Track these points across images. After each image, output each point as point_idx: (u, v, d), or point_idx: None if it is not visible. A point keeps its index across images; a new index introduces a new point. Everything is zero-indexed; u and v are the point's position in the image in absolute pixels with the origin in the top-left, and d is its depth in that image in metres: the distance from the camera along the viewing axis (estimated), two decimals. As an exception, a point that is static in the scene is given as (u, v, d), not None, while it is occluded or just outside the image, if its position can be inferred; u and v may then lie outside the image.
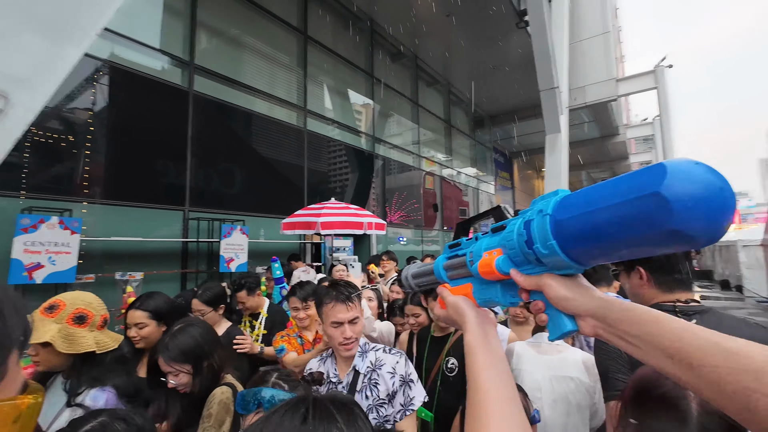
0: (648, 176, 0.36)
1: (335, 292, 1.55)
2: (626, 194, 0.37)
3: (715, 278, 15.47)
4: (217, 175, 5.78)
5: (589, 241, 0.41)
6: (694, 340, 0.42)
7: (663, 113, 14.05)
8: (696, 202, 0.33)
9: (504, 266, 0.54)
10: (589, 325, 0.49)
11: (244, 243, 5.52)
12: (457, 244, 0.68)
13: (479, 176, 16.24)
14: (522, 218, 0.52)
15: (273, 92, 6.87)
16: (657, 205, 0.34)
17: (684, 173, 0.34)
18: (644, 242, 0.37)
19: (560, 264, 0.46)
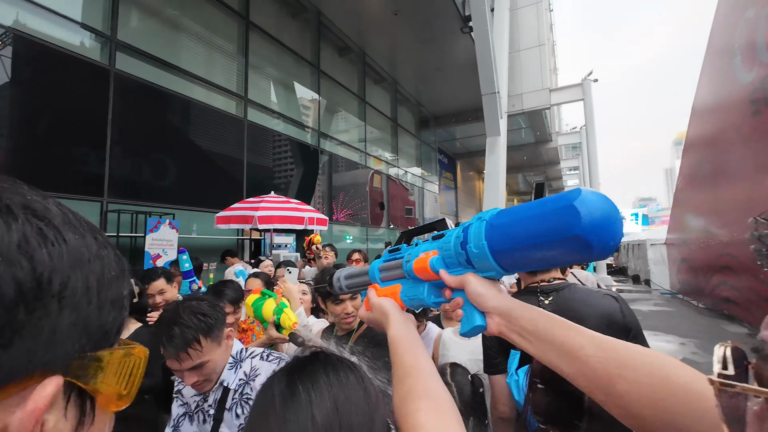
0: (567, 195, 0.44)
1: (165, 339, 1.15)
2: (548, 206, 0.46)
3: (628, 274, 17.28)
4: (142, 164, 5.27)
5: (513, 242, 0.49)
6: (577, 336, 0.50)
7: (588, 123, 15.36)
8: (597, 217, 0.42)
9: (437, 265, 0.59)
10: (495, 322, 0.55)
11: (173, 238, 5.09)
12: (398, 248, 0.72)
13: (424, 176, 16.61)
14: (462, 225, 0.58)
15: (210, 78, 6.42)
16: (569, 213, 0.43)
17: (592, 197, 0.44)
18: (554, 245, 0.45)
19: (486, 265, 0.53)
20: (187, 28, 6.30)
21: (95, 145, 4.75)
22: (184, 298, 1.37)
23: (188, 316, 1.17)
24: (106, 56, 4.98)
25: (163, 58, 5.68)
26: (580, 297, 1.35)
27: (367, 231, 11.49)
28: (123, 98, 5.04)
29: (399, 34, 10.49)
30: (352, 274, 0.81)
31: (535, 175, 31.64)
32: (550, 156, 24.69)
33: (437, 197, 18.58)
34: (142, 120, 5.33)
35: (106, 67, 4.94)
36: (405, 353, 0.61)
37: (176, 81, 5.84)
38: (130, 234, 4.87)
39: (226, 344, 1.32)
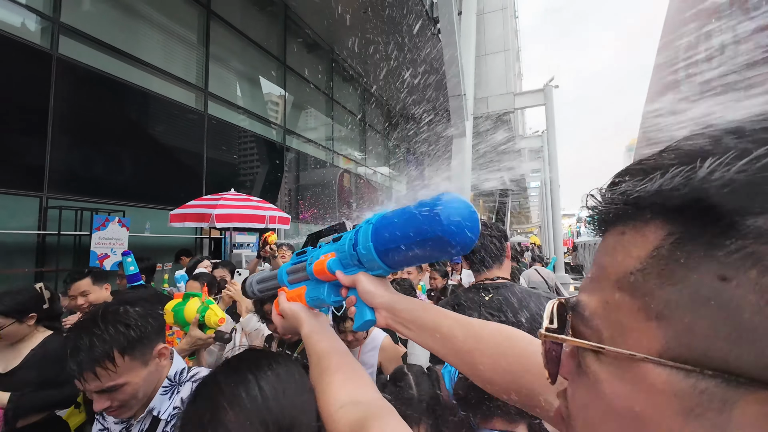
0: (433, 200, 0.52)
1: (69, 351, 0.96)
2: (419, 209, 0.53)
3: (584, 273, 18.19)
4: (89, 157, 4.91)
5: (393, 242, 0.56)
6: (445, 320, 0.58)
7: (549, 127, 16.01)
8: (455, 220, 0.50)
9: (333, 266, 0.65)
10: (383, 316, 0.61)
11: (123, 237, 4.79)
12: (304, 251, 0.76)
13: (393, 176, 16.68)
14: (355, 229, 0.64)
15: (167, 68, 6.09)
16: (432, 217, 0.50)
17: (452, 202, 0.51)
18: (424, 244, 0.52)
19: (374, 265, 0.60)
20: (141, 14, 5.94)
21: (34, 135, 4.38)
22: (112, 301, 1.21)
23: (106, 326, 0.96)
24: (48, 39, 4.60)
25: (114, 45, 5.32)
26: (518, 296, 1.43)
27: (334, 230, 11.35)
28: (67, 86, 4.67)
29: (368, 33, 10.44)
30: (264, 278, 0.82)
31: (499, 177, 32.54)
32: (514, 159, 25.50)
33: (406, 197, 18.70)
34: (89, 110, 4.97)
35: (48, 51, 4.57)
36: (318, 342, 0.65)
37: (129, 69, 5.49)
38: (74, 232, 4.52)
39: (157, 364, 1.07)
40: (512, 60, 16.66)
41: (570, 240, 39.90)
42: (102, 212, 4.70)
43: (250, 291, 0.83)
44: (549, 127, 15.96)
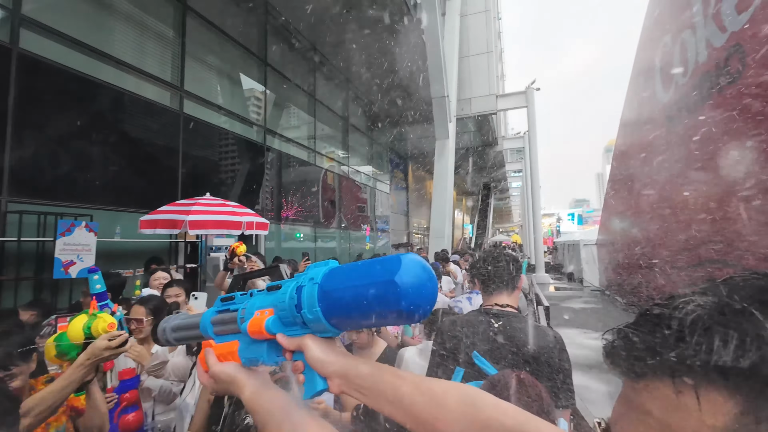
0: (389, 266, 0.48)
1: None
2: (374, 277, 0.48)
3: (563, 271, 18.56)
4: (53, 158, 4.65)
5: (346, 311, 0.51)
6: (403, 385, 0.54)
7: (530, 129, 16.26)
8: (415, 291, 0.46)
9: (273, 327, 0.57)
10: (336, 383, 0.56)
11: (91, 242, 4.54)
12: (231, 297, 0.66)
13: (376, 175, 16.60)
14: (296, 282, 0.56)
15: (139, 65, 5.84)
16: (391, 288, 0.46)
17: (410, 269, 0.47)
18: (381, 315, 0.48)
19: (322, 328, 0.54)
20: (112, 6, 5.67)
21: (-8, 135, 4.11)
22: None
23: None
24: (7, 33, 4.31)
25: (81, 39, 5.05)
26: (526, 329, 1.46)
27: (315, 230, 11.21)
28: (28, 82, 4.40)
29: (351, 32, 10.31)
30: (181, 326, 0.71)
31: (482, 177, 32.96)
32: (497, 159, 25.81)
33: (388, 197, 18.66)
34: (53, 108, 4.70)
35: (7, 46, 4.29)
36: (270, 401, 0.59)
37: (97, 66, 5.22)
38: (36, 238, 4.27)
39: None
40: (495, 61, 16.80)
41: (550, 239, 40.78)
42: (68, 216, 4.45)
43: (163, 339, 0.71)
44: (530, 128, 16.20)
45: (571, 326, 7.14)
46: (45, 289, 4.35)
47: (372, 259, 0.51)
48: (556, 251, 23.68)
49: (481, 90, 15.46)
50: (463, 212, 46.61)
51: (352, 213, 14.08)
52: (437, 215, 10.53)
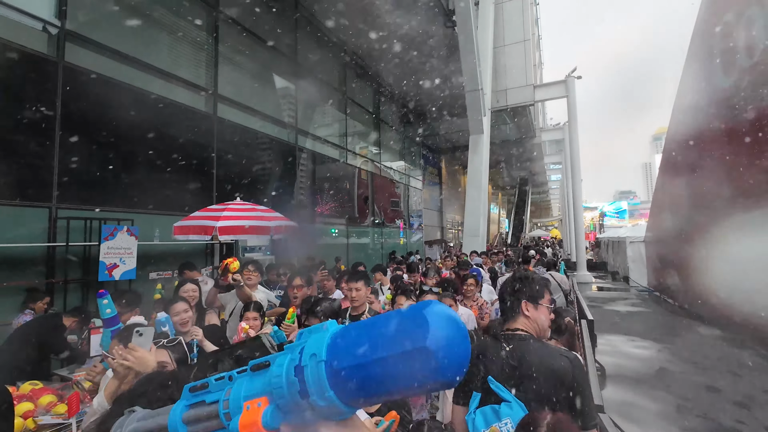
0: (412, 326, 0.39)
1: None
2: (398, 345, 0.39)
3: (608, 269, 17.54)
4: (97, 165, 4.88)
5: (368, 391, 0.41)
6: None
7: (571, 120, 15.37)
8: (452, 352, 0.38)
9: (273, 422, 0.45)
10: None
11: (132, 246, 4.76)
12: (204, 385, 0.52)
13: (407, 171, 16.41)
14: (289, 358, 0.44)
15: (174, 72, 6.02)
16: (425, 358, 0.37)
17: (440, 325, 0.38)
18: (413, 389, 0.40)
19: (337, 412, 0.43)
20: (148, 17, 5.87)
21: (42, 145, 4.36)
22: None
23: None
24: (54, 48, 4.55)
25: (120, 49, 5.26)
26: (537, 352, 1.45)
27: (347, 228, 11.23)
28: (74, 94, 4.63)
29: (382, 27, 10.16)
30: (145, 429, 0.55)
31: (519, 170, 31.82)
32: (534, 151, 24.77)
33: (420, 193, 18.42)
34: (96, 117, 4.92)
35: (54, 60, 4.53)
36: None
37: (135, 74, 5.43)
38: (83, 243, 4.51)
39: None
40: (532, 49, 16.02)
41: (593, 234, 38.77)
42: (111, 221, 4.67)
43: None
44: (570, 119, 15.32)
45: (616, 332, 6.66)
46: (92, 291, 4.59)
47: (383, 317, 0.42)
48: (599, 247, 22.44)
49: (518, 80, 14.80)
50: (499, 206, 45.36)
51: (385, 209, 14.02)
52: (471, 213, 10.22)
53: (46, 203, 4.36)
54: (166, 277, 5.20)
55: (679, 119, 9.56)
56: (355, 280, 2.80)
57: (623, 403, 3.80)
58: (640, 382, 4.28)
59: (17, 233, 4.12)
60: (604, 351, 5.48)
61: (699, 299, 7.76)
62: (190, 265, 4.08)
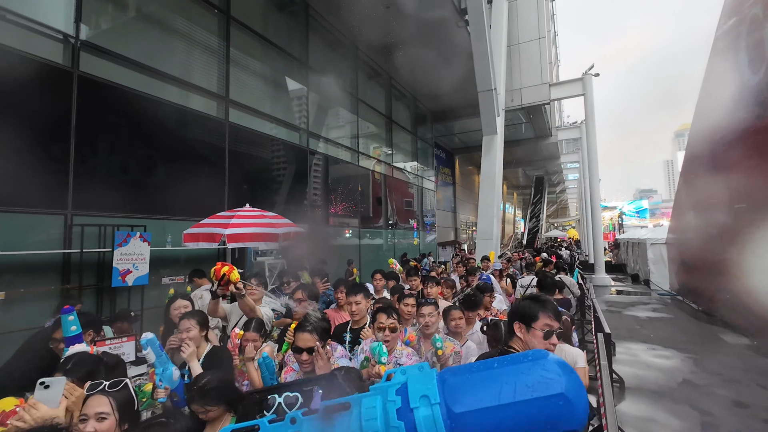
0: (544, 373, 0.39)
1: None
2: (530, 390, 0.38)
3: (627, 272, 17.04)
4: (110, 172, 4.96)
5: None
6: None
7: (588, 118, 14.97)
8: (582, 402, 0.39)
9: None
10: None
11: (145, 251, 4.82)
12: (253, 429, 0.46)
13: (421, 172, 16.28)
14: (382, 399, 0.40)
15: (187, 78, 6.08)
16: (563, 407, 0.38)
17: (572, 375, 0.40)
18: None
19: None
20: (159, 25, 5.95)
21: (58, 153, 4.45)
22: None
23: None
24: (69, 58, 4.64)
25: (134, 58, 5.33)
26: None
27: (360, 229, 11.20)
28: (88, 103, 4.71)
29: (392, 28, 10.08)
30: None
31: (534, 170, 31.26)
32: (550, 151, 24.28)
33: (433, 195, 18.27)
34: (109, 125, 5.01)
35: (69, 70, 4.61)
36: None
37: (147, 81, 5.50)
38: (97, 249, 4.58)
39: None
40: (548, 47, 15.66)
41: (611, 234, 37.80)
42: (124, 228, 4.73)
43: None
44: (588, 117, 14.92)
45: (636, 339, 6.42)
46: (105, 297, 4.66)
47: (499, 361, 0.42)
48: (618, 249, 21.82)
49: (533, 79, 14.50)
50: (515, 206, 44.67)
51: (398, 210, 13.94)
52: (484, 215, 10.03)
53: (62, 210, 4.44)
54: (178, 282, 5.25)
55: (703, 115, 9.18)
56: (354, 293, 2.72)
57: (643, 419, 3.63)
58: (661, 395, 4.09)
59: (34, 240, 4.22)
60: (623, 360, 5.28)
61: (728, 305, 7.42)
62: (199, 272, 4.09)
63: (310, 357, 1.78)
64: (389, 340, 2.14)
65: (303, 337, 1.84)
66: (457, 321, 2.68)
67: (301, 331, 1.87)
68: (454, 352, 2.26)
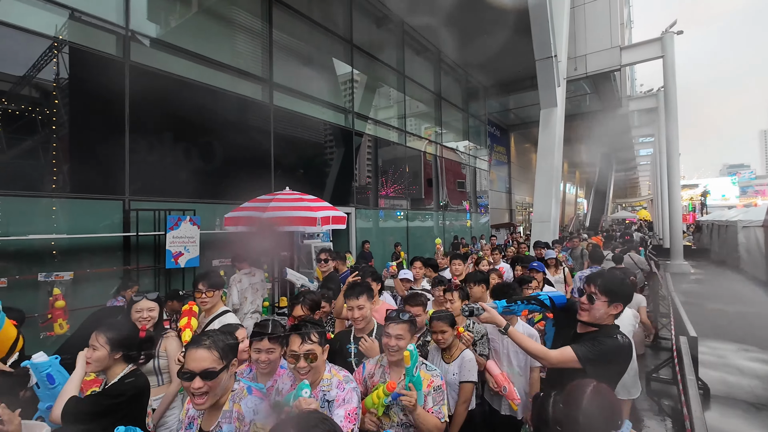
0: None
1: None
2: None
3: (711, 258, 15.11)
4: (162, 159, 5.15)
5: None
6: None
7: (668, 84, 13.12)
8: None
9: None
10: None
11: (195, 235, 4.99)
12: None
13: (473, 151, 15.52)
14: None
15: (230, 63, 6.12)
16: None
17: None
18: None
19: None
20: (204, 11, 5.99)
21: (114, 142, 4.67)
22: None
23: None
24: (121, 48, 4.81)
25: (180, 45, 5.43)
26: None
27: (408, 211, 10.94)
28: (139, 92, 4.88)
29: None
30: None
31: (600, 145, 28.62)
32: (620, 123, 21.95)
33: (488, 173, 17.40)
34: (159, 113, 5.18)
35: (121, 60, 4.78)
36: None
37: (193, 68, 5.59)
38: (152, 232, 4.81)
39: None
40: (619, 5, 13.87)
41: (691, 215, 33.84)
42: (176, 212, 4.91)
43: None
44: (668, 83, 13.09)
45: (724, 338, 5.55)
46: (161, 277, 4.92)
47: None
48: (700, 232, 19.42)
49: (601, 43, 12.95)
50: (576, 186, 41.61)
51: (450, 191, 13.46)
52: (541, 196, 9.27)
53: (120, 196, 4.70)
54: (227, 265, 5.40)
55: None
56: (355, 296, 2.19)
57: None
58: (759, 408, 3.45)
59: (96, 224, 4.50)
60: (708, 363, 4.56)
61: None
62: (239, 257, 4.11)
63: (205, 384, 1.32)
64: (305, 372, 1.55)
65: (195, 355, 1.36)
66: (440, 336, 2.17)
67: (194, 346, 1.39)
68: (433, 388, 1.73)
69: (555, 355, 1.66)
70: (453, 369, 2.21)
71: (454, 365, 2.22)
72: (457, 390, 2.18)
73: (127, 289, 3.88)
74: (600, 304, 1.66)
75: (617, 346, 1.60)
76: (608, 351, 1.58)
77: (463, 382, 2.17)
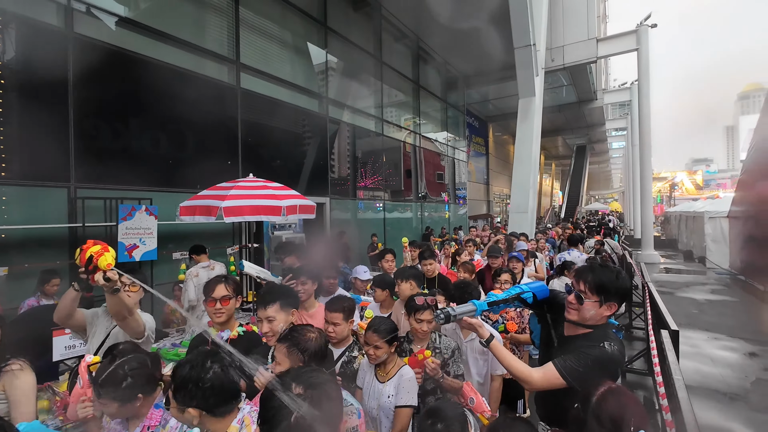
0: None
1: None
2: None
3: (679, 248, 15.62)
4: (114, 142, 4.70)
5: None
6: None
7: (642, 77, 13.32)
8: None
9: None
10: None
11: (152, 226, 4.59)
12: None
13: (451, 141, 15.38)
14: None
15: (192, 40, 5.66)
16: None
17: None
18: None
19: None
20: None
21: (55, 121, 4.20)
22: None
23: None
24: (62, 17, 4.31)
25: (133, 18, 4.95)
26: None
27: (384, 202, 10.71)
28: (86, 68, 4.40)
29: (418, -20, 9.12)
30: None
31: (576, 138, 29.16)
32: (595, 116, 22.35)
33: (466, 164, 17.34)
34: (110, 92, 4.71)
35: (64, 31, 4.29)
36: None
37: (149, 43, 5.12)
38: (102, 223, 4.39)
39: None
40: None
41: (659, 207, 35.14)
42: (129, 201, 4.50)
43: None
44: (641, 76, 13.29)
45: (695, 327, 5.63)
46: (113, 272, 4.50)
47: None
48: (668, 223, 20.11)
49: (578, 34, 12.98)
50: (552, 177, 42.41)
51: (428, 182, 13.29)
52: (518, 187, 9.22)
53: (64, 183, 4.24)
54: (188, 258, 5.03)
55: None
56: (264, 306, 1.83)
57: (711, 428, 3.01)
58: (733, 398, 3.43)
59: (36, 214, 4.05)
60: (682, 353, 4.57)
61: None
62: (199, 248, 3.79)
63: None
64: None
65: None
66: (372, 351, 1.82)
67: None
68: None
69: (539, 378, 1.41)
70: (388, 390, 1.80)
71: (390, 385, 1.81)
72: (392, 417, 1.78)
73: (45, 284, 3.51)
74: (590, 305, 1.41)
75: (606, 357, 1.36)
76: (595, 363, 1.34)
77: (399, 406, 1.77)
